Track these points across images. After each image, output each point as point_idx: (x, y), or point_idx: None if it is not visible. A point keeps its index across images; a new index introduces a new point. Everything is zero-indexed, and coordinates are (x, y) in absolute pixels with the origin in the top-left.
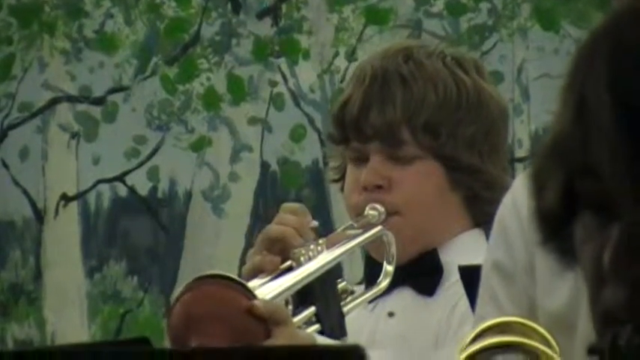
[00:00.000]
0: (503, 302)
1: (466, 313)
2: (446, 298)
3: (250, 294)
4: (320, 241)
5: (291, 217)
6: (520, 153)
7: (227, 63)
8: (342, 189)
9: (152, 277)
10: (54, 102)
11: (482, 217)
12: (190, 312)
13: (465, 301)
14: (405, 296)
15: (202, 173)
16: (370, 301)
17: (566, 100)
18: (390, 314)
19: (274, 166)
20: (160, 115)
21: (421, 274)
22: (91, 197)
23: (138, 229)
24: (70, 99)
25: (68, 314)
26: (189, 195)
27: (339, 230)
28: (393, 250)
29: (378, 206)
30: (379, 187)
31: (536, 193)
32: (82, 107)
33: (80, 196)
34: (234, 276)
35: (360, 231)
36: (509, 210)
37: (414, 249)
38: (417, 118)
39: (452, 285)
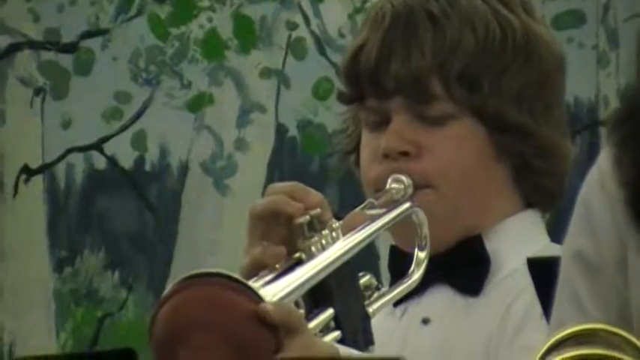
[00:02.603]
0: (586, 303)
1: (526, 316)
2: (496, 297)
3: (255, 295)
4: (334, 225)
5: (279, 183)
6: (606, 114)
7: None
8: (355, 163)
9: (138, 271)
10: (13, 49)
11: (535, 193)
12: (178, 319)
13: (522, 301)
14: (443, 297)
15: (202, 140)
16: (397, 304)
17: None
18: (425, 321)
19: (293, 131)
20: (147, 66)
21: (463, 267)
22: (60, 170)
23: (120, 211)
24: (34, 45)
25: (31, 318)
26: (184, 167)
27: (356, 210)
28: (425, 230)
29: (404, 177)
30: (405, 153)
31: (617, 166)
32: (48, 56)
33: (46, 168)
34: (234, 274)
35: (383, 210)
36: (595, 188)
37: (452, 234)
38: (451, 67)
39: (502, 281)
